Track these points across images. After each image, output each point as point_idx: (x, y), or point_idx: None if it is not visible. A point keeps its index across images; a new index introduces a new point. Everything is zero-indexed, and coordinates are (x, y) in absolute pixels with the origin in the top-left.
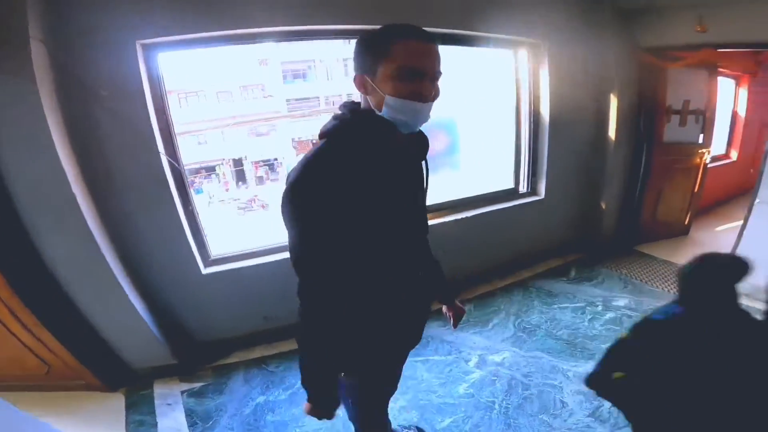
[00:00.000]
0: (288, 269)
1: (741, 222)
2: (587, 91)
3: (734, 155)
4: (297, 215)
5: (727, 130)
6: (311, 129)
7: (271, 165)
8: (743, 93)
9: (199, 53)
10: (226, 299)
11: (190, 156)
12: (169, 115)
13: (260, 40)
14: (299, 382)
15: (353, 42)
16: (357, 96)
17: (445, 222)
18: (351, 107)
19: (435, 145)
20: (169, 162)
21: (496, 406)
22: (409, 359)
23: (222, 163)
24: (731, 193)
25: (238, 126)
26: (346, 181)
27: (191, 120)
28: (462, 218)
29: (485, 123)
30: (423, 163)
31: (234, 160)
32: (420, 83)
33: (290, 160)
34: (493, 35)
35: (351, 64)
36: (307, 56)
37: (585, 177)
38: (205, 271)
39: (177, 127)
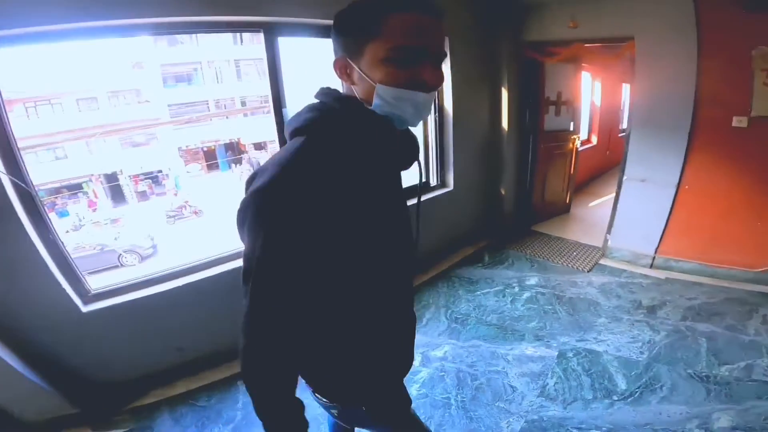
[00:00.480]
0: (197, 295)
1: (609, 196)
2: (484, 85)
3: (594, 140)
4: (264, 225)
5: (588, 118)
6: (200, 136)
7: (154, 178)
8: (598, 85)
9: (50, 52)
10: (125, 335)
11: (46, 174)
12: (8, 125)
13: (126, 33)
14: (240, 414)
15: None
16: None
17: None
18: (336, 96)
19: None
20: (13, 182)
21: (453, 402)
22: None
23: (90, 180)
24: (595, 173)
25: (107, 136)
26: (333, 191)
27: (45, 131)
28: None
29: None
30: (417, 164)
31: (106, 175)
32: (421, 67)
33: (178, 171)
34: None
35: (244, 67)
36: (192, 58)
37: (486, 166)
38: (85, 309)
39: (22, 141)
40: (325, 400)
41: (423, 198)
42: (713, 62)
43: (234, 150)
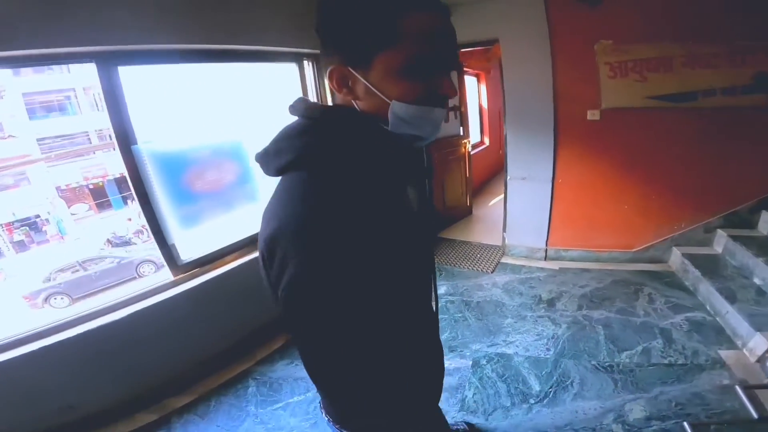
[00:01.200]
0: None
1: (502, 195)
2: None
3: (487, 141)
4: (328, 305)
5: (478, 120)
6: (83, 171)
7: (32, 224)
8: (483, 88)
9: None
10: None
11: None
12: None
13: None
14: None
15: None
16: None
17: (244, 264)
18: (334, 113)
19: (225, 177)
20: None
21: None
22: (267, 408)
23: None
24: (492, 173)
25: None
26: (367, 229)
27: None
28: None
29: None
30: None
31: None
32: (441, 78)
33: (61, 214)
34: (277, 49)
35: (101, 96)
36: (62, 84)
37: None
38: None
39: None
40: None
41: None
42: (565, 59)
43: (128, 184)
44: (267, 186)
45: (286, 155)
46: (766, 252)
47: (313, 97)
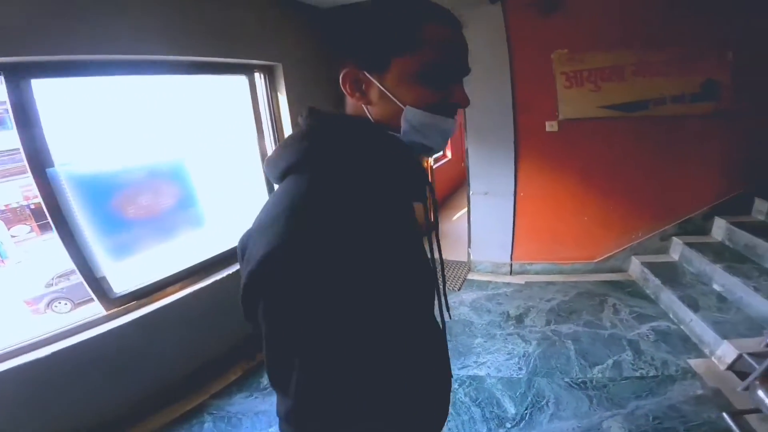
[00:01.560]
0: None
1: (466, 209)
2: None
3: (449, 154)
4: (295, 307)
5: None
6: (23, 191)
7: None
8: None
9: None
10: None
11: None
12: None
13: None
14: None
15: None
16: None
17: (190, 294)
18: (346, 120)
19: (163, 201)
20: None
21: None
22: None
23: None
24: (455, 186)
25: None
26: (359, 239)
27: None
28: (216, 281)
29: (226, 160)
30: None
31: None
32: (455, 88)
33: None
34: (224, 60)
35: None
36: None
37: None
38: None
39: None
40: None
41: None
42: (524, 69)
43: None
44: (215, 209)
45: (286, 159)
46: (722, 258)
47: (265, 111)
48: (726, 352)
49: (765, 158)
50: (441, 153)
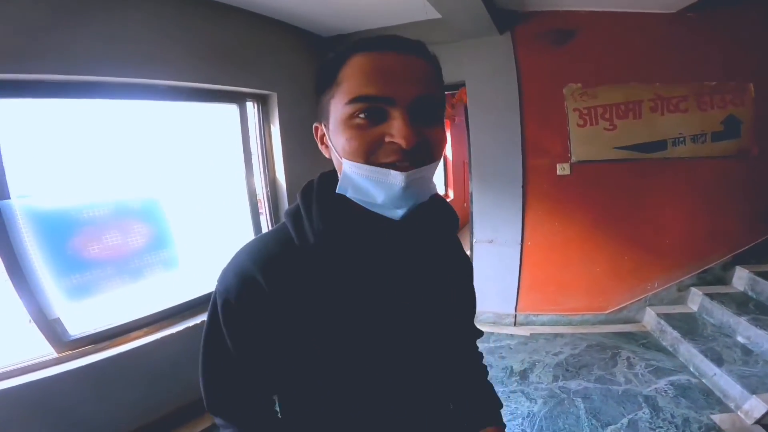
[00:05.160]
0: None
1: (468, 254)
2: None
3: (452, 194)
4: (210, 314)
5: (443, 171)
6: None
7: None
8: (448, 137)
9: None
10: None
11: None
12: None
13: None
14: None
15: None
16: None
17: (157, 340)
18: (313, 186)
19: (132, 242)
20: None
21: None
22: None
23: None
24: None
25: None
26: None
27: None
28: (188, 327)
29: (209, 197)
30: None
31: None
32: (388, 124)
33: None
34: (213, 86)
35: None
36: None
37: None
38: None
39: None
40: None
41: None
42: (534, 105)
43: None
44: (193, 250)
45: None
46: (747, 309)
47: (255, 144)
48: (754, 406)
49: None
50: (401, 213)
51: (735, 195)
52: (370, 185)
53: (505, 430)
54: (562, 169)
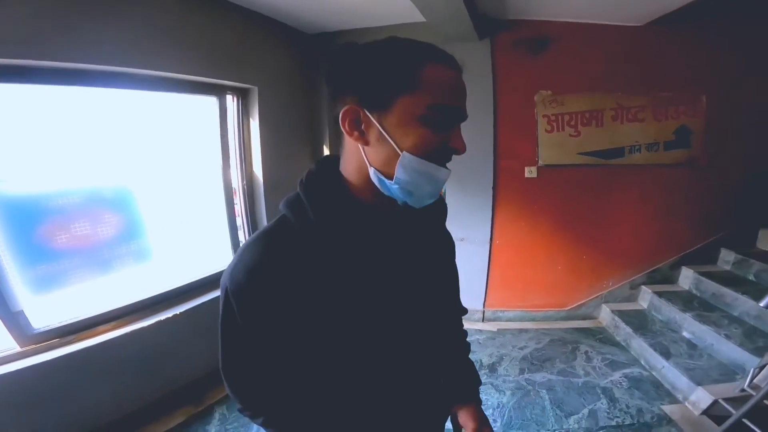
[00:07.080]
0: None
1: None
2: (302, 144)
3: None
4: (223, 308)
5: None
6: None
7: None
8: None
9: None
10: None
11: None
12: None
13: None
14: None
15: None
16: None
17: (127, 334)
18: (316, 181)
19: (102, 231)
20: None
21: None
22: None
23: None
24: None
25: None
26: (298, 285)
27: None
28: (160, 321)
29: (185, 189)
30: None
31: None
32: (454, 132)
33: None
34: (194, 78)
35: None
36: None
37: None
38: None
39: None
40: None
41: None
42: (507, 111)
43: None
44: (167, 242)
45: (284, 198)
46: (692, 306)
47: (234, 137)
48: (701, 397)
49: (730, 208)
50: (424, 205)
51: (683, 201)
52: (423, 178)
53: (481, 405)
54: (530, 172)
